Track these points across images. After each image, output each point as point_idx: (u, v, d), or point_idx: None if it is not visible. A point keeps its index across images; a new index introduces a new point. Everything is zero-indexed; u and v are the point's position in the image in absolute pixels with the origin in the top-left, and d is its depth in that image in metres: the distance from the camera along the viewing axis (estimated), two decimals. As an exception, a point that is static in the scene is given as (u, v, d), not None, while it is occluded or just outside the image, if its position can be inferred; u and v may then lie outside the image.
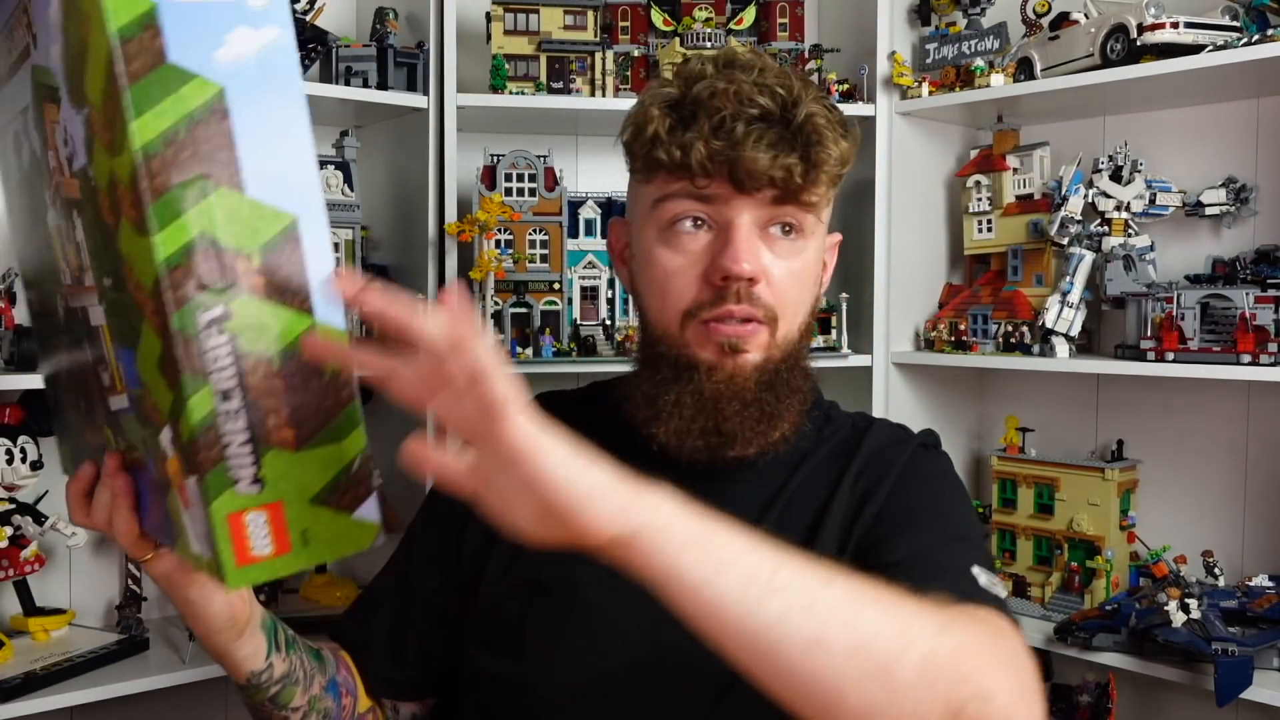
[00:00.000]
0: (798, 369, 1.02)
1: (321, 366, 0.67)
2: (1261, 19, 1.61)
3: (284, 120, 0.65)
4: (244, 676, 0.98)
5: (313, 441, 0.68)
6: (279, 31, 0.64)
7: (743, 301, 0.96)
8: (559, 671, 1.00)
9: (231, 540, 0.66)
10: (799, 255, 0.99)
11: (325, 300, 0.66)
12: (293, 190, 0.65)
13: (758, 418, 0.99)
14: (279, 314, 0.65)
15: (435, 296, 1.82)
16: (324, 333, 0.66)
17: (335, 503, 0.70)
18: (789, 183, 0.94)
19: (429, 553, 1.15)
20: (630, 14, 1.92)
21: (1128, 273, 1.76)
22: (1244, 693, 1.53)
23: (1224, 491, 1.86)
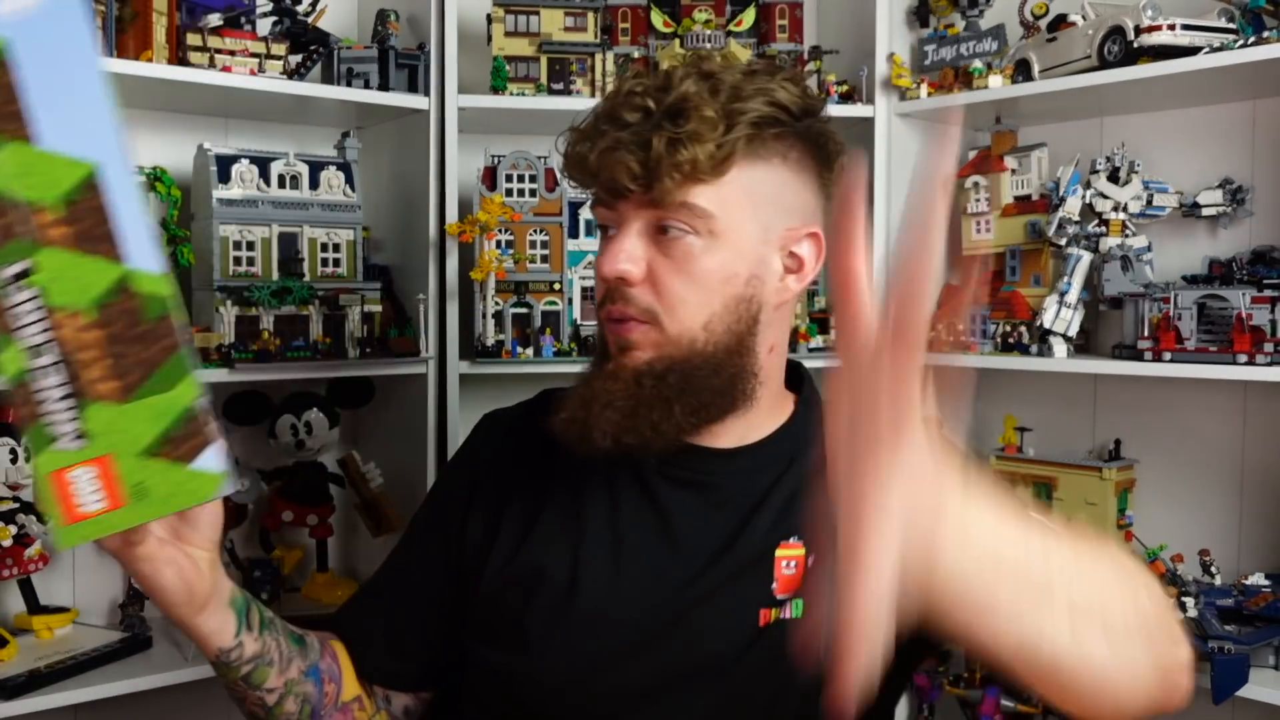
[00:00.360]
0: (717, 367, 1.00)
1: (141, 314, 0.65)
2: (1257, 21, 1.62)
3: (76, 69, 0.63)
4: (212, 653, 0.98)
5: (139, 392, 0.65)
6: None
7: (617, 301, 1.00)
8: (560, 664, 1.02)
9: (58, 498, 0.64)
10: (690, 255, 0.98)
11: (138, 246, 0.64)
12: (91, 138, 0.63)
13: (624, 412, 0.99)
14: (88, 264, 0.63)
15: (436, 296, 1.83)
16: (139, 280, 0.64)
17: (170, 454, 0.68)
18: (626, 187, 0.96)
19: (431, 547, 1.16)
20: (630, 15, 1.93)
21: (1125, 273, 1.77)
22: (1240, 691, 1.54)
23: (1220, 491, 1.86)
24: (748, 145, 0.97)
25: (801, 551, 1.01)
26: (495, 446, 1.17)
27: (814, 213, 1.05)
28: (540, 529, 1.07)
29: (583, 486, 1.08)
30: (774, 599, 1.00)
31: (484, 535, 1.10)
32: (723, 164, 0.96)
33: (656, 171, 0.95)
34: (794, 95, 1.00)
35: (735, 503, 1.05)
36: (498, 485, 1.13)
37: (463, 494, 1.15)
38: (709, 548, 1.03)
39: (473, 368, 1.81)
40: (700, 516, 1.04)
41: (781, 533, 1.02)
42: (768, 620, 0.99)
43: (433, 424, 1.82)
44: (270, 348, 1.67)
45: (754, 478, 1.06)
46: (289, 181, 1.75)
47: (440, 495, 1.21)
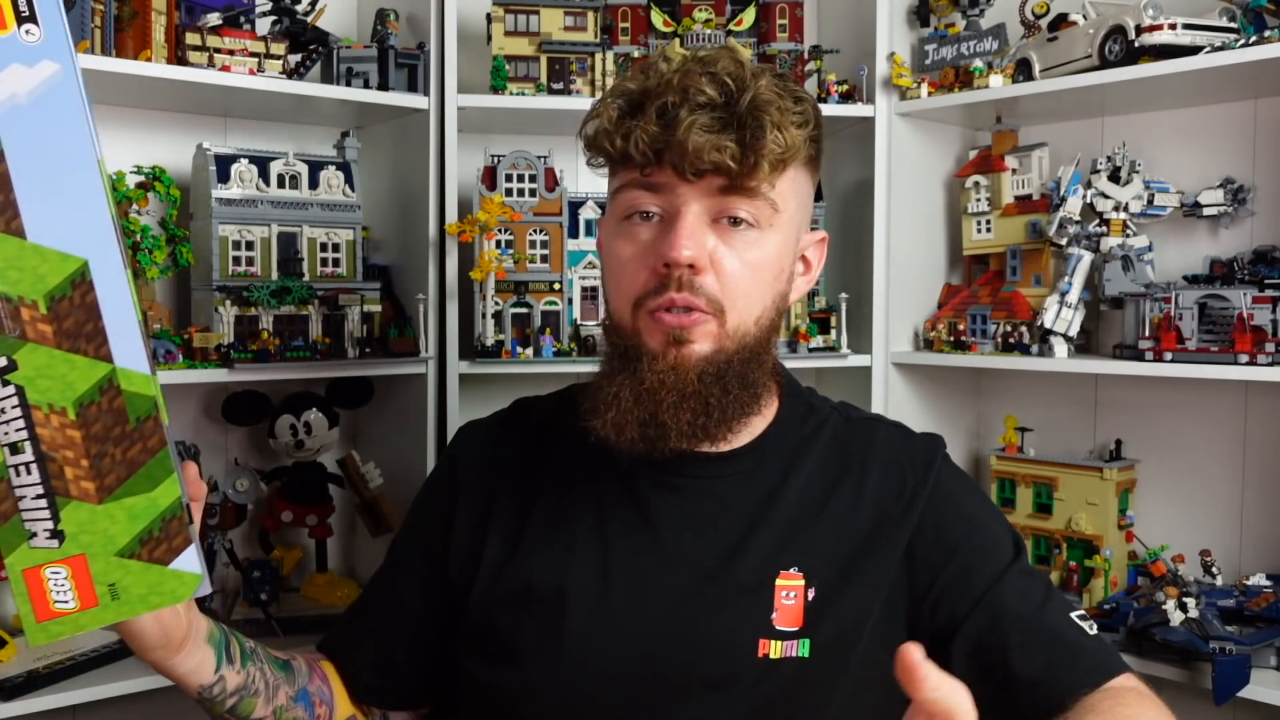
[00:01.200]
0: (756, 364, 1.00)
1: (125, 414, 0.64)
2: (1259, 20, 1.62)
3: (69, 160, 0.62)
4: (194, 690, 0.97)
5: (118, 493, 0.65)
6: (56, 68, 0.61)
7: (684, 290, 0.96)
8: (551, 681, 1.00)
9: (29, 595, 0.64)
10: (752, 247, 0.98)
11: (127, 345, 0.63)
12: (82, 232, 0.62)
13: (695, 410, 0.97)
14: (72, 362, 0.62)
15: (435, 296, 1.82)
16: (125, 379, 0.63)
17: (148, 555, 0.67)
18: (726, 166, 0.94)
19: (415, 563, 1.14)
20: (630, 15, 1.93)
21: (1126, 273, 1.77)
22: (1241, 691, 1.54)
23: (1222, 491, 1.86)
24: None
25: (802, 583, 1.00)
26: (475, 457, 1.15)
27: (812, 213, 1.07)
28: (527, 543, 1.06)
29: (569, 497, 1.06)
30: (774, 629, 0.99)
31: (470, 549, 1.08)
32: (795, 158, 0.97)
33: (759, 154, 0.93)
34: None
35: (730, 515, 1.03)
36: (481, 496, 1.11)
37: (445, 508, 1.13)
38: (704, 563, 1.01)
39: (472, 368, 1.81)
40: (693, 529, 1.03)
41: (783, 561, 1.01)
42: (766, 651, 0.98)
43: (432, 424, 1.81)
44: (270, 348, 1.67)
45: (747, 485, 1.04)
46: (288, 181, 1.75)
47: (422, 510, 1.19)
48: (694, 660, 0.98)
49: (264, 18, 1.77)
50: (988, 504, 1.11)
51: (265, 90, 1.68)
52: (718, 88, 0.95)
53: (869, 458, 1.07)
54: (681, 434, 0.97)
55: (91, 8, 1.54)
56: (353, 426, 2.01)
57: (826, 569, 1.01)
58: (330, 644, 1.18)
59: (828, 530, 1.02)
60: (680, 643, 0.99)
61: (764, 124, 0.94)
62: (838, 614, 0.99)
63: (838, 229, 2.07)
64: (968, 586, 1.01)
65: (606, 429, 0.98)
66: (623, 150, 0.97)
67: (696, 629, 0.99)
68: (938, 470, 1.07)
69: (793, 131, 0.96)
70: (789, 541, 1.01)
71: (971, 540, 1.03)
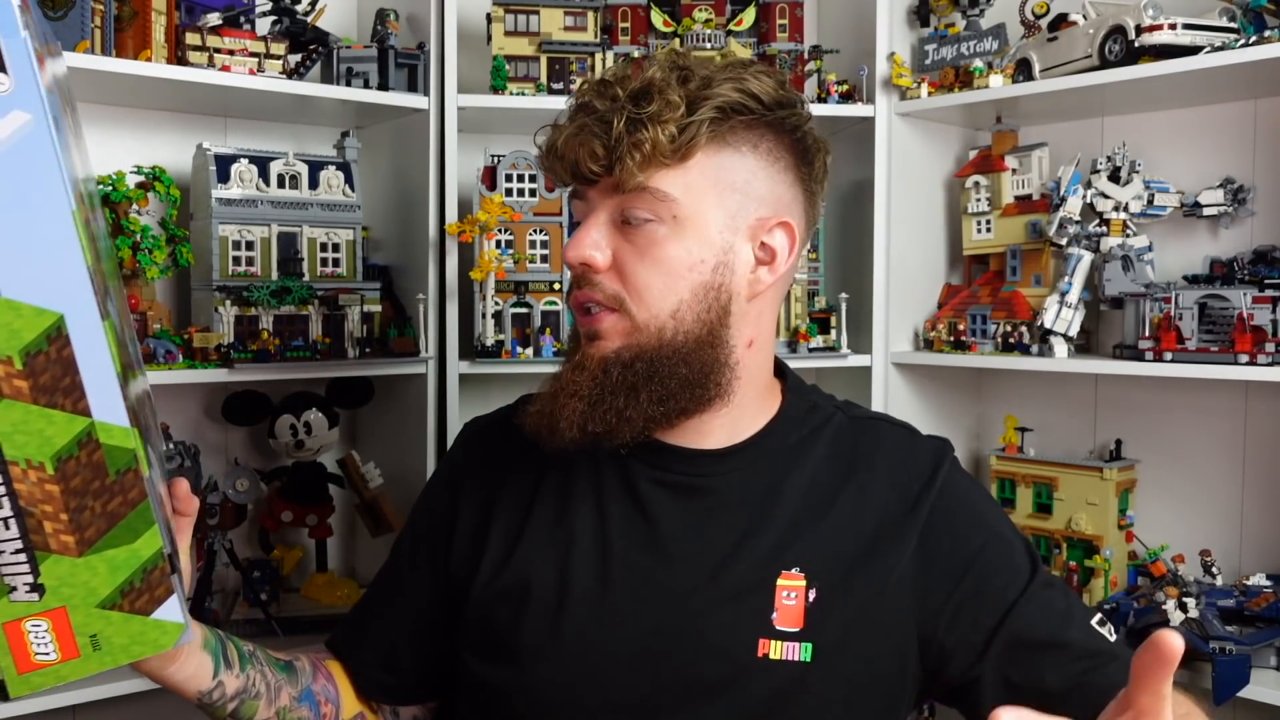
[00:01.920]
0: (686, 361, 0.99)
1: (105, 467, 0.63)
2: (1259, 20, 1.62)
3: (42, 212, 0.60)
4: (192, 696, 0.98)
5: (98, 545, 0.64)
6: (27, 118, 0.59)
7: (582, 287, 1.00)
8: (550, 677, 1.00)
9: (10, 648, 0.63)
10: (654, 242, 0.98)
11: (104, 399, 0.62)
12: (57, 286, 0.60)
13: (590, 401, 0.99)
14: (49, 417, 0.61)
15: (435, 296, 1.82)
16: (104, 432, 0.63)
17: (129, 606, 0.67)
18: (590, 170, 0.97)
19: (418, 559, 1.15)
20: (630, 15, 1.93)
21: (1126, 273, 1.77)
22: (1241, 691, 1.54)
23: (1222, 491, 1.86)
24: (713, 130, 0.97)
25: (803, 584, 1.00)
26: (478, 454, 1.16)
27: (788, 205, 1.03)
28: (527, 539, 1.06)
29: (569, 493, 1.07)
30: (774, 629, 0.98)
31: (471, 544, 1.09)
32: (685, 147, 0.96)
33: (617, 151, 0.95)
34: (766, 86, 1.00)
35: (730, 511, 1.03)
36: (483, 493, 1.11)
37: (447, 503, 1.14)
38: (704, 560, 1.01)
39: (472, 368, 1.81)
40: (692, 525, 1.03)
41: (784, 560, 1.00)
42: (765, 651, 0.98)
43: (432, 424, 1.81)
44: (270, 348, 1.67)
45: (748, 482, 1.04)
46: (288, 181, 1.75)
47: (425, 506, 1.19)
48: (693, 659, 0.98)
49: (264, 18, 1.77)
50: (999, 512, 1.10)
51: (265, 90, 1.68)
52: (613, 90, 0.98)
53: (874, 459, 1.07)
54: (570, 422, 0.99)
55: (91, 8, 1.54)
56: (353, 426, 2.01)
57: (829, 571, 1.00)
58: (337, 642, 1.18)
59: (830, 532, 1.02)
60: (679, 641, 0.99)
61: (631, 120, 0.95)
62: (840, 617, 0.99)
63: (838, 229, 2.07)
64: (990, 603, 1.01)
65: (525, 418, 1.03)
66: (541, 165, 1.07)
67: (696, 627, 0.99)
68: (945, 473, 1.07)
69: (668, 130, 0.95)
70: (790, 541, 1.01)
71: (987, 552, 1.03)
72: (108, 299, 0.70)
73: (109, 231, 1.59)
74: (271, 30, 1.77)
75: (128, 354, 0.87)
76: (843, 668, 0.98)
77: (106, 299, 0.69)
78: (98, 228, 0.83)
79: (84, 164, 0.87)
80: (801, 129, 1.04)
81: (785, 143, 1.02)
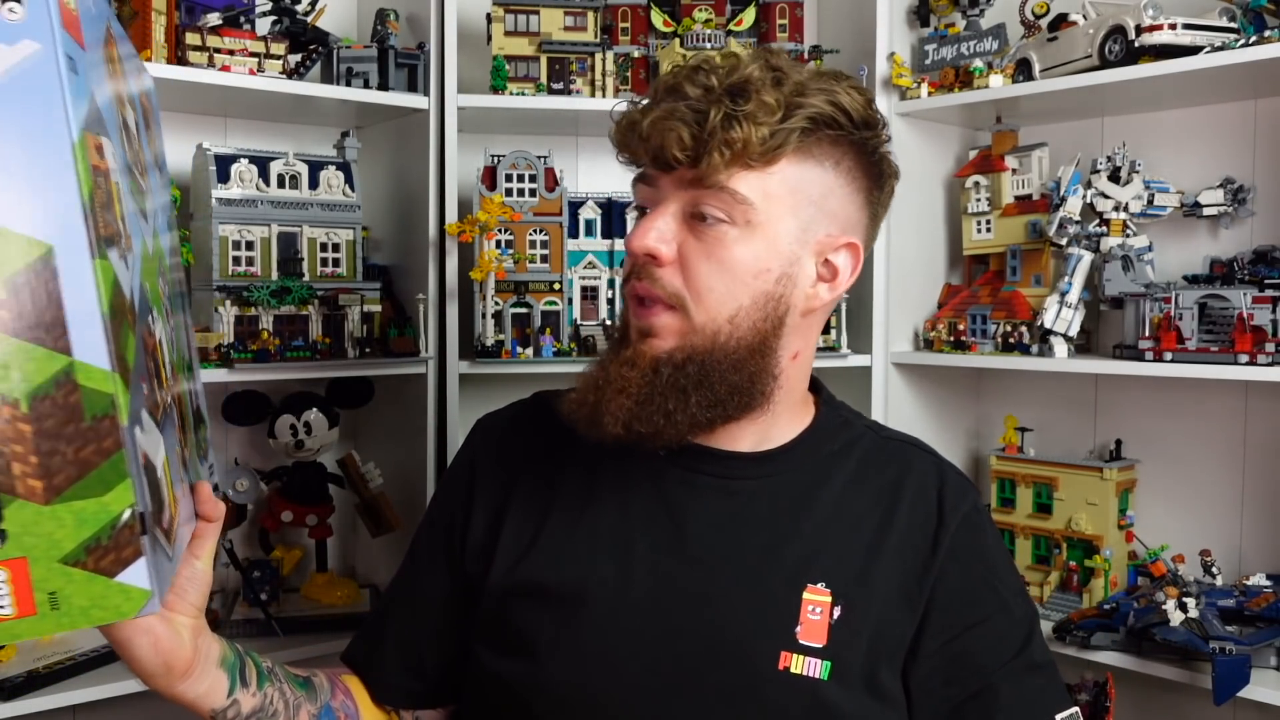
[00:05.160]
0: (737, 368, 0.98)
1: (81, 411, 0.60)
2: (1259, 20, 1.62)
3: (42, 143, 0.59)
4: (206, 713, 0.94)
5: (66, 494, 0.60)
6: (37, 47, 0.58)
7: (643, 279, 0.97)
8: (566, 673, 0.99)
9: None
10: (722, 244, 0.96)
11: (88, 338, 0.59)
12: (49, 217, 0.58)
13: (638, 399, 0.97)
14: (28, 352, 0.58)
15: (435, 296, 1.82)
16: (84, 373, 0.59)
17: (94, 565, 0.62)
18: (673, 156, 0.94)
19: (435, 558, 1.14)
20: (630, 15, 1.93)
21: (1126, 273, 1.77)
22: (1241, 691, 1.54)
23: (1222, 491, 1.86)
24: (801, 140, 0.95)
25: (829, 599, 0.98)
26: (492, 450, 1.15)
27: (855, 225, 1.03)
28: (547, 533, 1.05)
29: (593, 491, 1.05)
30: (796, 643, 0.97)
31: (485, 539, 1.08)
32: (773, 152, 0.94)
33: (707, 145, 0.93)
34: (858, 103, 0.99)
35: (758, 518, 1.02)
36: (498, 488, 1.10)
37: (462, 500, 1.12)
38: (730, 564, 1.00)
39: (472, 368, 1.81)
40: (719, 527, 1.02)
41: (811, 574, 0.99)
42: (786, 664, 0.97)
43: (432, 424, 1.81)
44: (270, 348, 1.67)
45: (777, 490, 1.03)
46: (288, 181, 1.75)
47: (440, 504, 1.18)
48: (712, 664, 0.97)
49: (264, 18, 1.77)
50: (1013, 577, 1.09)
51: (265, 90, 1.68)
52: (701, 86, 0.95)
53: (902, 484, 1.05)
54: (615, 419, 0.97)
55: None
56: (353, 426, 2.01)
57: (853, 589, 0.99)
58: (354, 650, 1.16)
59: (857, 550, 1.01)
60: (699, 644, 0.97)
61: (727, 115, 0.93)
62: (861, 638, 0.98)
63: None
64: (969, 672, 1.00)
65: (566, 406, 1.01)
66: (620, 142, 1.00)
67: (717, 632, 0.98)
68: (969, 520, 1.05)
69: (760, 131, 0.93)
70: (817, 554, 1.00)
71: (989, 623, 1.02)
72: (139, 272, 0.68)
73: None
74: (271, 30, 1.77)
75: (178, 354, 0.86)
76: (858, 689, 0.97)
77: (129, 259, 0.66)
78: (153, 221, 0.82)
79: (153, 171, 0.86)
80: (880, 151, 1.03)
81: (864, 164, 1.01)
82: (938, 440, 2.08)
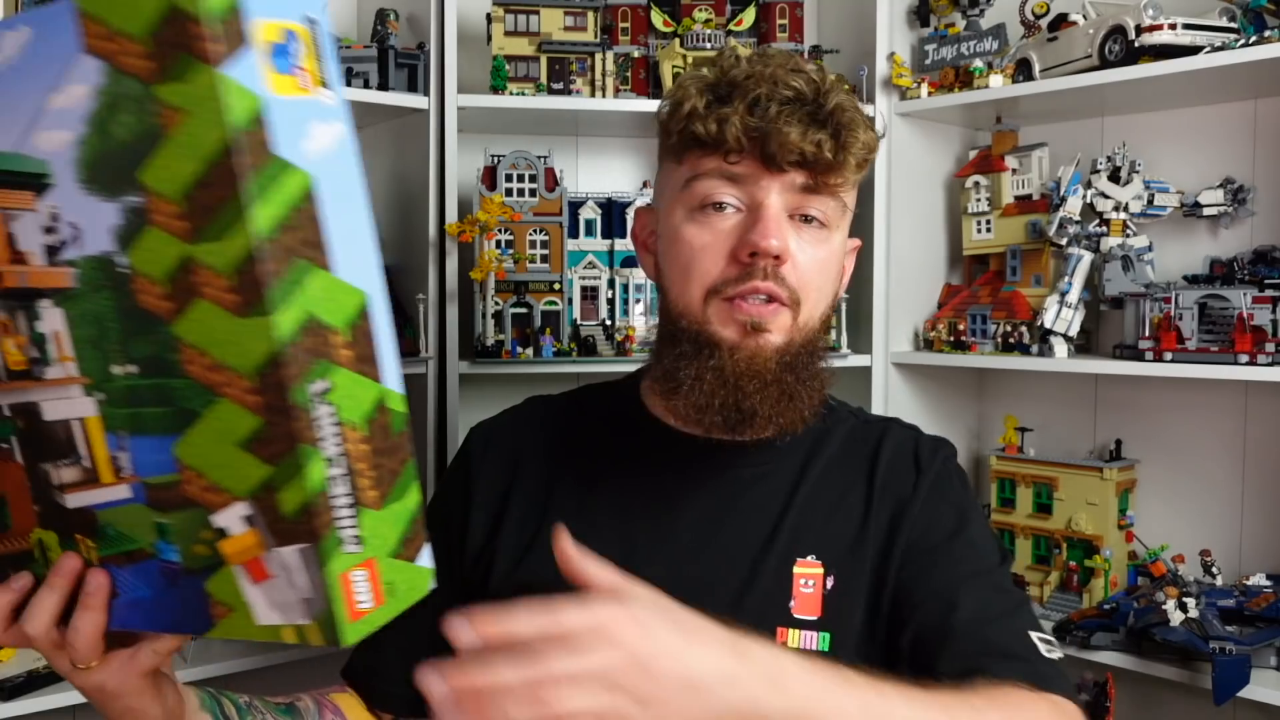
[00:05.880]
0: (816, 357, 1.02)
1: (390, 429, 0.73)
2: (1259, 20, 1.62)
3: (353, 205, 0.71)
4: None
5: (389, 499, 0.73)
6: (343, 126, 0.70)
7: (769, 279, 0.96)
8: None
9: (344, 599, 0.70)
10: (821, 245, 0.99)
11: (391, 368, 0.73)
12: (364, 269, 0.71)
13: (777, 397, 0.98)
14: (363, 383, 0.71)
15: (435, 296, 1.82)
16: (389, 398, 0.73)
17: (406, 554, 0.75)
18: (819, 159, 0.95)
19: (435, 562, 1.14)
20: (630, 15, 1.93)
21: (1126, 273, 1.77)
22: (1241, 691, 1.54)
23: (1222, 491, 1.86)
24: None
25: (821, 571, 0.99)
26: (488, 455, 1.15)
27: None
28: (543, 539, 1.04)
29: (592, 493, 1.06)
30: (792, 618, 0.98)
31: (484, 543, 1.08)
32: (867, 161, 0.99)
33: (844, 149, 0.95)
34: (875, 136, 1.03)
35: (753, 506, 1.03)
36: (495, 493, 1.10)
37: (460, 507, 1.12)
38: (726, 555, 1.01)
39: (472, 368, 1.81)
40: (716, 521, 1.02)
41: (800, 549, 1.00)
42: (784, 640, 0.97)
43: (433, 424, 1.81)
44: (269, 348, 1.66)
45: (769, 474, 1.04)
46: (288, 181, 1.75)
47: (437, 512, 1.18)
48: None
49: (264, 18, 1.77)
50: (981, 513, 1.10)
51: (265, 90, 1.68)
52: (805, 83, 0.96)
53: (879, 451, 1.07)
54: (766, 418, 0.98)
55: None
56: (353, 426, 2.01)
57: (845, 559, 1.00)
58: (354, 668, 1.16)
59: (845, 521, 1.02)
60: None
61: (852, 124, 0.96)
62: (857, 606, 0.99)
63: (838, 229, 2.07)
64: (933, 573, 0.99)
65: (689, 409, 1.00)
66: (716, 135, 0.96)
67: (716, 619, 0.99)
68: (941, 463, 1.07)
69: (870, 135, 0.98)
70: (806, 529, 1.01)
71: (956, 534, 1.02)
72: None
73: None
74: (271, 30, 1.77)
75: None
76: (860, 657, 0.97)
77: None
78: None
79: None
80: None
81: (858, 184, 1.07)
82: (938, 440, 2.08)
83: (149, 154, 0.66)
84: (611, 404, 1.13)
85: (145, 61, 0.65)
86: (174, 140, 0.65)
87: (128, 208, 0.68)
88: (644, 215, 1.12)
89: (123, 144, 0.67)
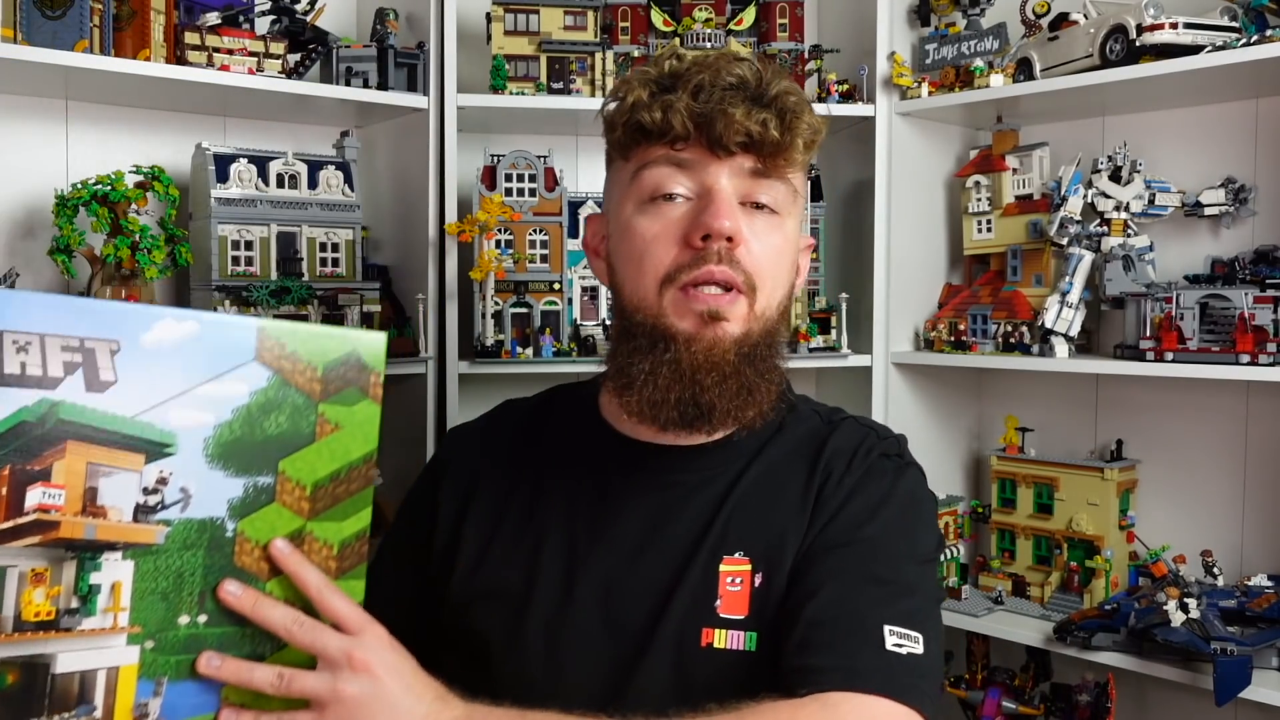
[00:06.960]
0: (774, 351, 1.00)
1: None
2: (1260, 20, 1.62)
3: None
4: None
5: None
6: None
7: (723, 263, 0.95)
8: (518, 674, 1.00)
9: None
10: (774, 231, 0.98)
11: None
12: None
13: (736, 391, 0.96)
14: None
15: (435, 296, 1.82)
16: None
17: None
18: (765, 139, 0.94)
19: (401, 562, 1.14)
20: (630, 14, 1.92)
21: (1127, 273, 1.77)
22: (1243, 692, 1.54)
23: (1223, 491, 1.86)
24: None
25: (748, 568, 0.97)
26: (458, 458, 1.16)
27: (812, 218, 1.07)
28: (500, 541, 1.06)
29: (542, 496, 1.06)
30: (718, 617, 0.96)
31: (447, 548, 1.09)
32: (815, 146, 0.99)
33: (790, 131, 0.94)
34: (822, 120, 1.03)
35: (693, 508, 1.02)
36: (460, 497, 1.11)
37: (428, 507, 1.13)
38: (664, 556, 1.00)
39: (472, 368, 1.80)
40: (657, 523, 1.02)
41: (726, 546, 0.98)
42: (709, 640, 0.96)
43: (432, 424, 1.81)
44: (269, 348, 1.66)
45: (713, 478, 1.03)
46: (287, 181, 1.75)
47: (407, 511, 1.19)
48: (645, 653, 0.97)
49: (263, 17, 1.77)
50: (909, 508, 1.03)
51: (264, 90, 1.68)
52: (748, 70, 0.97)
53: (823, 451, 1.05)
54: (725, 413, 0.97)
55: (90, 7, 1.53)
56: (352, 427, 2.00)
57: (774, 554, 0.98)
58: None
59: (778, 516, 1.00)
60: (638, 639, 0.98)
61: (797, 105, 0.96)
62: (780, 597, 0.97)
63: (838, 229, 2.07)
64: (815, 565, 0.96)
65: (642, 406, 0.97)
66: (662, 122, 0.95)
67: (649, 620, 0.98)
68: (876, 458, 1.04)
69: (815, 119, 0.97)
70: (735, 526, 1.00)
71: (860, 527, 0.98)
72: None
73: (109, 230, 1.59)
74: (271, 30, 1.77)
75: None
76: None
77: None
78: None
79: None
80: None
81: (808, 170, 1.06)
82: (938, 440, 2.08)
83: (295, 449, 0.83)
84: (571, 406, 1.13)
85: (315, 384, 0.83)
86: (325, 444, 0.84)
87: (255, 485, 0.82)
88: (594, 221, 1.11)
89: (269, 437, 0.82)
